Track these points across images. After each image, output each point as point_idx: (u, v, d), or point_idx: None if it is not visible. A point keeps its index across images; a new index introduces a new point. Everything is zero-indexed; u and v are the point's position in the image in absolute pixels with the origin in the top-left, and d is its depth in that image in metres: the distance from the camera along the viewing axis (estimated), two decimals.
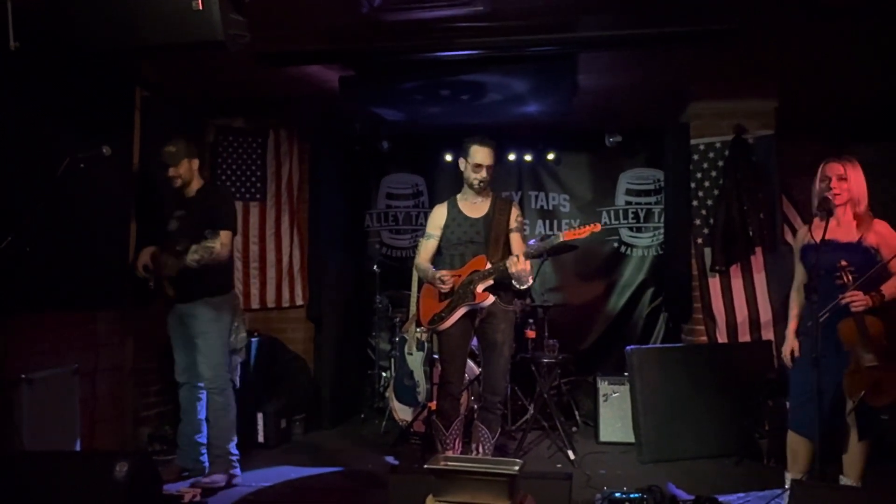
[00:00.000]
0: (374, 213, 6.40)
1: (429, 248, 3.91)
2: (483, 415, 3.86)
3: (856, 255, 3.13)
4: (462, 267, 3.82)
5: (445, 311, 3.76)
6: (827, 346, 3.06)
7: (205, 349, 3.92)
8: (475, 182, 3.79)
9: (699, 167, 5.04)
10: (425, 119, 5.20)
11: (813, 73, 4.57)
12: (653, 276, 6.09)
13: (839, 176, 3.21)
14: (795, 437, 3.33)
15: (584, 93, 4.96)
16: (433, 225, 3.90)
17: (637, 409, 4.62)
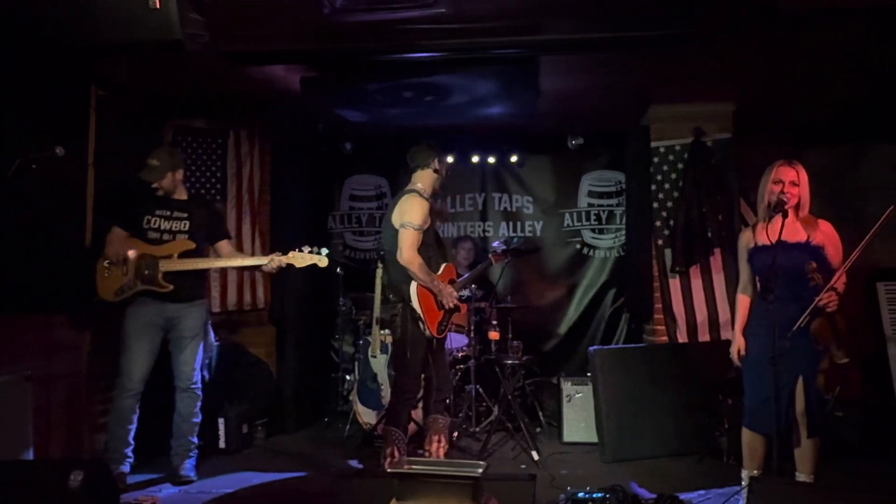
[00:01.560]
0: (337, 214, 6.37)
1: (418, 242, 3.78)
2: (439, 406, 4.06)
3: (807, 254, 3.22)
4: (439, 273, 3.85)
5: (445, 320, 3.84)
6: (783, 346, 3.13)
7: (193, 350, 4.05)
8: (443, 184, 3.97)
9: (659, 169, 5.12)
10: (389, 120, 5.19)
11: (770, 77, 4.68)
12: (615, 277, 6.18)
13: (792, 181, 3.29)
14: (751, 434, 3.40)
15: (547, 95, 4.98)
16: (424, 218, 3.82)
17: (600, 409, 4.67)
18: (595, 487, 3.54)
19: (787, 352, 3.14)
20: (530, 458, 4.53)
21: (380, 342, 4.87)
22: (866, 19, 3.49)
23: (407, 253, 3.72)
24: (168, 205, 4.10)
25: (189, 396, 4.13)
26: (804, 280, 3.16)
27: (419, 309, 3.77)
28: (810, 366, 3.21)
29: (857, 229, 5.73)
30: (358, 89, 4.46)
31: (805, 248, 3.24)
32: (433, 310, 3.82)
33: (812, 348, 3.18)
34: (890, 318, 5.47)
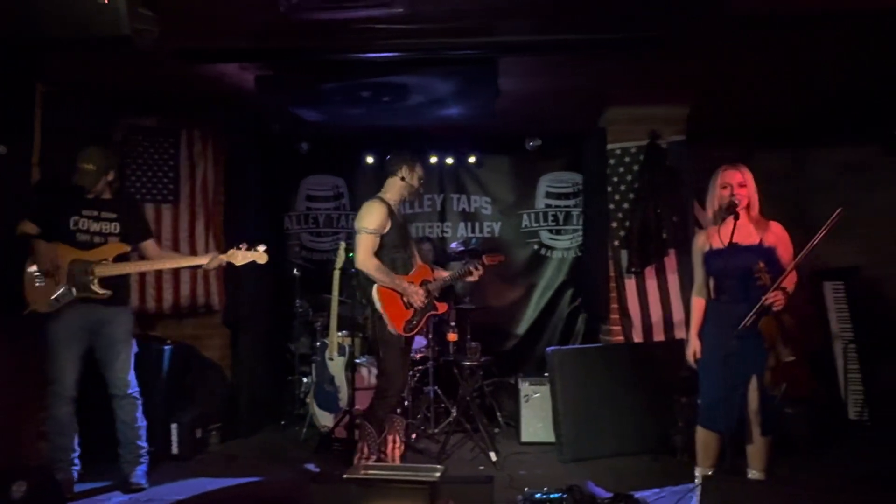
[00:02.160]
0: (293, 215, 6.28)
1: (375, 246, 3.89)
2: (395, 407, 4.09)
3: (761, 256, 3.28)
4: (411, 274, 3.91)
5: (415, 318, 3.87)
6: (734, 345, 3.19)
7: (127, 356, 3.95)
8: (412, 195, 4.06)
9: (616, 171, 5.17)
10: (346, 120, 5.13)
11: (723, 82, 4.76)
12: (572, 278, 6.22)
13: (739, 183, 3.37)
14: (705, 432, 3.46)
15: (506, 96, 4.96)
16: (380, 223, 3.89)
17: (557, 409, 4.70)
18: (552, 488, 3.56)
19: (740, 351, 3.20)
20: (489, 459, 4.53)
21: (337, 344, 4.83)
22: (816, 26, 3.57)
23: (359, 256, 3.85)
24: (95, 205, 3.94)
25: (129, 403, 4.01)
26: (755, 280, 3.22)
27: (381, 308, 3.83)
28: (763, 365, 3.27)
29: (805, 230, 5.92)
30: (314, 89, 4.39)
31: (758, 250, 3.31)
32: (399, 309, 3.87)
33: (764, 347, 3.25)
34: (837, 317, 5.62)
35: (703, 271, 3.53)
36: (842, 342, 5.48)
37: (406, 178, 3.97)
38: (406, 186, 4.01)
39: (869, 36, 3.82)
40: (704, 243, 3.48)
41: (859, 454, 4.71)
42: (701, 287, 3.56)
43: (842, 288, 5.65)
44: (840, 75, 4.60)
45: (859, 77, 4.62)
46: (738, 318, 3.21)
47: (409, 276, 3.94)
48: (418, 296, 3.86)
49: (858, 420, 5.26)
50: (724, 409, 3.21)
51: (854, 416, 5.29)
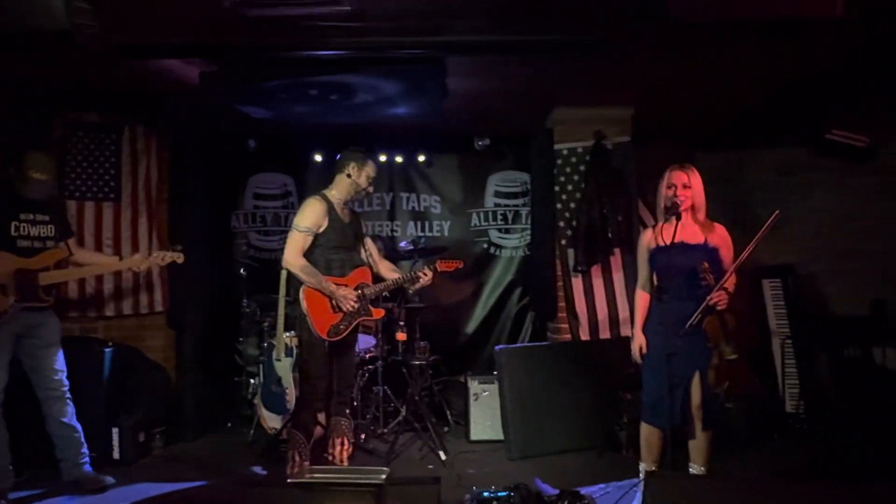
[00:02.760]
0: (241, 213, 6.17)
1: (305, 245, 3.81)
2: (340, 409, 4.06)
3: (705, 256, 3.36)
4: (347, 276, 3.81)
5: (343, 323, 3.76)
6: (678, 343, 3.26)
7: (56, 356, 3.86)
8: (363, 194, 3.93)
9: (562, 171, 5.23)
10: (294, 118, 5.05)
11: (665, 84, 4.85)
12: (521, 277, 6.26)
13: (683, 184, 3.43)
14: (648, 428, 3.52)
15: (455, 96, 4.97)
16: (314, 221, 3.81)
17: (505, 406, 4.73)
18: (500, 486, 3.57)
19: (684, 349, 3.27)
20: (438, 458, 4.53)
21: (284, 345, 4.75)
22: (752, 33, 3.67)
23: (287, 254, 3.81)
24: (30, 207, 3.82)
25: (66, 404, 3.92)
26: (700, 280, 3.30)
27: (306, 310, 3.79)
28: (705, 362, 3.35)
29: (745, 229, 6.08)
30: (260, 86, 4.31)
31: (703, 250, 3.38)
32: (325, 312, 3.78)
33: (706, 345, 3.33)
34: (775, 314, 5.80)
35: (647, 268, 3.59)
36: (779, 338, 5.65)
37: (352, 175, 3.88)
38: (352, 185, 3.92)
39: (800, 42, 3.95)
40: (651, 240, 3.54)
41: (795, 446, 4.89)
42: (645, 282, 3.62)
43: (779, 286, 5.83)
44: (774, 80, 4.74)
45: (792, 81, 4.76)
46: (681, 316, 3.28)
47: (346, 278, 3.83)
48: (347, 300, 3.75)
49: (795, 413, 5.44)
50: (667, 406, 3.28)
51: (791, 409, 5.47)
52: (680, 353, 3.25)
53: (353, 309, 3.79)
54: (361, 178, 3.93)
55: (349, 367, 4.09)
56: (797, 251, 6.19)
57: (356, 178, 3.89)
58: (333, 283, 3.79)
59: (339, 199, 3.91)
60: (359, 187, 3.93)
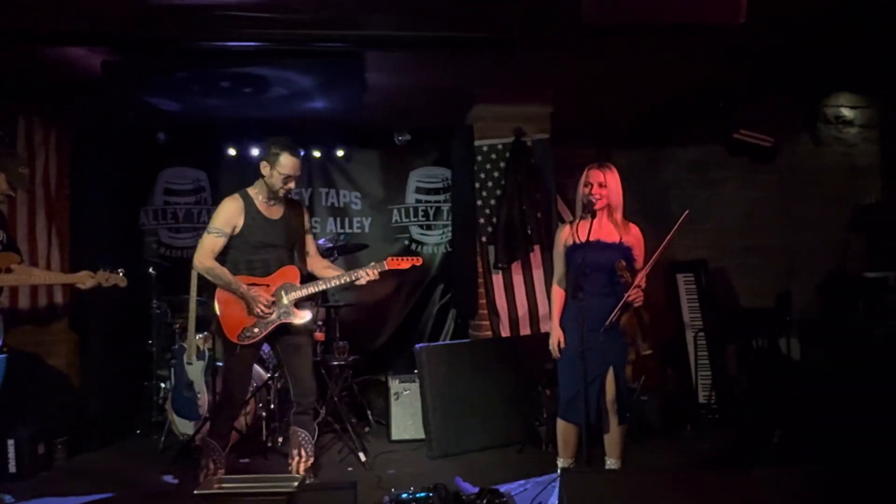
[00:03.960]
0: (150, 210, 5.93)
1: (216, 247, 3.67)
2: (299, 419, 3.89)
3: (619, 255, 3.44)
4: (268, 276, 3.68)
5: (258, 326, 3.63)
6: (594, 340, 3.34)
7: None
8: (282, 192, 3.71)
9: (483, 168, 5.27)
10: (206, 111, 4.92)
11: (580, 83, 4.97)
12: (442, 274, 6.27)
13: (599, 183, 3.50)
14: (565, 424, 3.60)
15: (374, 91, 4.94)
16: (225, 221, 3.67)
17: (426, 405, 4.74)
18: (419, 487, 3.58)
19: (600, 346, 3.34)
20: (358, 459, 4.50)
21: (196, 347, 4.61)
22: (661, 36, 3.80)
23: (195, 256, 3.68)
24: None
25: None
26: (616, 278, 3.38)
27: (218, 312, 3.68)
28: (620, 357, 3.44)
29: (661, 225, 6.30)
30: (169, 77, 4.18)
31: (618, 248, 3.47)
32: (238, 314, 3.67)
33: (621, 341, 3.42)
34: (688, 307, 6.02)
35: (563, 264, 3.64)
36: (693, 331, 5.87)
37: (264, 174, 3.71)
38: (269, 181, 3.70)
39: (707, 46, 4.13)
40: (568, 236, 3.59)
41: (707, 436, 5.10)
42: (561, 277, 3.67)
43: (692, 280, 6.05)
44: (684, 80, 4.93)
45: (700, 82, 4.97)
46: (599, 313, 3.36)
47: (267, 278, 3.73)
48: (259, 303, 3.62)
49: (707, 404, 5.66)
50: (583, 402, 3.35)
51: (703, 399, 5.70)
52: (595, 349, 3.33)
53: (265, 312, 3.66)
54: (274, 177, 3.66)
55: (304, 372, 3.86)
56: (709, 246, 6.45)
57: (267, 177, 3.69)
58: (252, 283, 3.65)
59: (261, 198, 3.76)
60: (274, 187, 3.69)
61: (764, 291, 6.39)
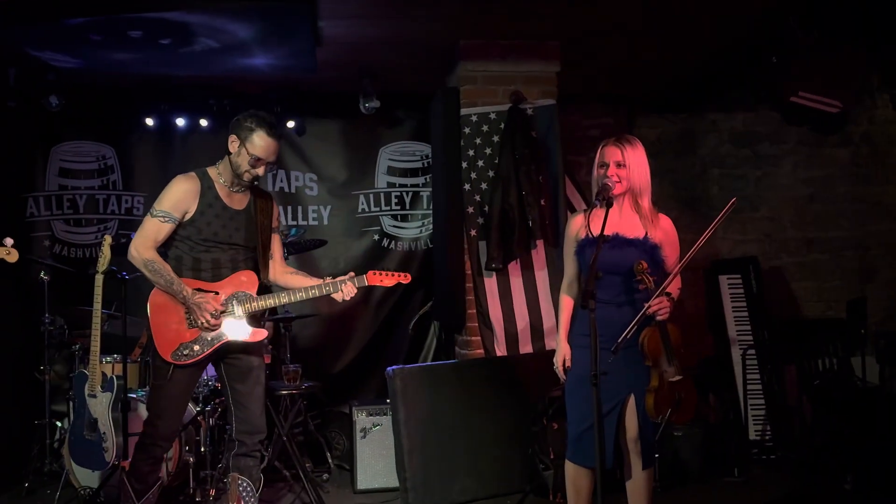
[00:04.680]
0: (40, 196, 5.91)
1: (162, 234, 3.61)
2: (241, 462, 3.83)
3: (644, 254, 3.40)
4: (219, 281, 3.64)
5: (201, 342, 3.59)
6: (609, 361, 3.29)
7: None
8: (247, 177, 3.65)
9: (471, 143, 5.23)
10: (113, 68, 4.92)
11: (598, 32, 4.94)
12: (423, 276, 6.25)
13: (617, 162, 3.45)
14: (575, 468, 3.55)
15: (331, 45, 4.95)
16: (174, 204, 3.60)
17: (401, 445, 4.70)
18: None
19: (615, 368, 3.30)
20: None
21: (102, 374, 4.55)
22: None
23: (133, 242, 3.61)
24: None
25: None
26: (636, 282, 3.35)
27: (149, 321, 3.62)
28: (642, 383, 3.41)
29: (698, 214, 6.31)
30: (62, 23, 4.12)
31: (642, 246, 3.42)
32: (176, 326, 3.62)
33: (642, 363, 3.38)
34: (734, 317, 6.01)
35: (575, 263, 3.61)
36: (740, 348, 5.86)
37: (231, 151, 3.64)
38: (231, 163, 3.65)
39: None
40: (581, 228, 3.54)
41: (759, 482, 5.07)
42: (572, 282, 3.64)
43: (739, 283, 6.05)
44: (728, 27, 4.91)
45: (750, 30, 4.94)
46: (613, 327, 3.31)
47: (217, 283, 3.67)
48: (204, 312, 3.57)
49: (760, 440, 5.66)
50: (597, 439, 3.31)
51: (755, 435, 5.69)
52: (611, 373, 3.28)
53: (211, 325, 3.62)
54: (241, 156, 3.61)
55: (253, 403, 3.80)
56: (760, 240, 6.45)
57: (234, 155, 3.63)
58: (197, 288, 3.60)
59: (223, 180, 3.70)
60: (239, 168, 3.62)
61: (832, 297, 6.40)
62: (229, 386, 3.83)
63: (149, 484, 3.74)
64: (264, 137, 3.62)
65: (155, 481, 3.76)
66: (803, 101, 5.20)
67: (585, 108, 5.63)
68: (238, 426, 3.82)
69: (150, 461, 3.77)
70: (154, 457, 3.78)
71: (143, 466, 3.76)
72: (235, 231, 3.69)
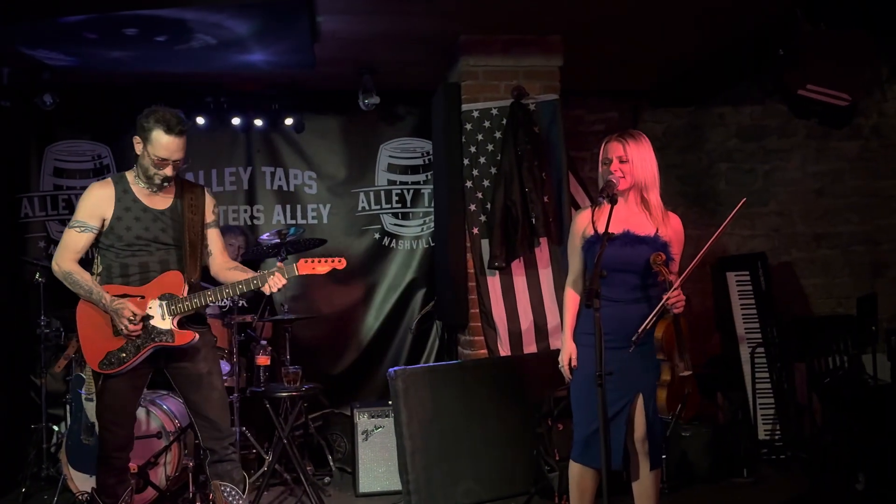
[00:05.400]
0: (35, 196, 5.93)
1: (80, 245, 3.60)
2: (217, 468, 3.79)
3: (654, 251, 3.38)
4: (144, 285, 3.61)
5: (127, 350, 3.56)
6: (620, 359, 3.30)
7: None
8: (157, 178, 3.58)
9: (473, 139, 5.24)
10: (108, 66, 4.93)
11: (601, 24, 4.93)
12: (424, 275, 6.29)
13: (620, 157, 3.45)
14: (582, 470, 3.55)
15: (329, 40, 4.95)
16: (89, 212, 3.58)
17: (404, 447, 4.70)
18: None
19: (624, 366, 3.31)
20: None
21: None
22: None
23: (54, 256, 3.64)
24: None
25: None
26: (650, 280, 3.35)
27: (77, 331, 3.64)
28: (652, 381, 3.41)
29: (705, 210, 6.30)
30: (56, 21, 4.14)
31: (653, 244, 3.41)
32: (101, 334, 3.59)
33: (655, 360, 3.38)
34: (742, 315, 6.00)
35: (580, 259, 3.60)
36: (748, 346, 5.85)
37: (137, 151, 3.60)
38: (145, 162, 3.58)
39: None
40: (587, 226, 3.53)
41: (768, 483, 5.08)
42: (577, 278, 3.63)
43: (747, 279, 6.04)
44: (734, 19, 4.90)
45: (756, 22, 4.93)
46: (625, 324, 3.32)
47: (143, 287, 3.62)
48: (121, 317, 3.51)
49: (769, 440, 5.66)
50: (603, 440, 3.31)
51: (765, 435, 5.69)
52: (619, 372, 3.29)
53: (130, 330, 3.54)
54: (145, 158, 3.56)
55: (211, 410, 3.74)
56: (769, 236, 6.45)
57: (141, 159, 3.58)
58: (124, 294, 3.57)
59: (143, 182, 3.65)
60: (147, 170, 3.58)
61: (841, 293, 6.39)
62: (183, 397, 3.80)
63: (118, 495, 3.71)
64: (163, 136, 3.52)
65: (124, 490, 3.74)
66: (811, 94, 5.18)
67: (589, 103, 5.63)
68: (203, 434, 3.79)
69: (112, 473, 3.73)
70: (114, 467, 3.73)
71: (107, 479, 3.72)
72: (161, 232, 3.64)
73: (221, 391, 3.81)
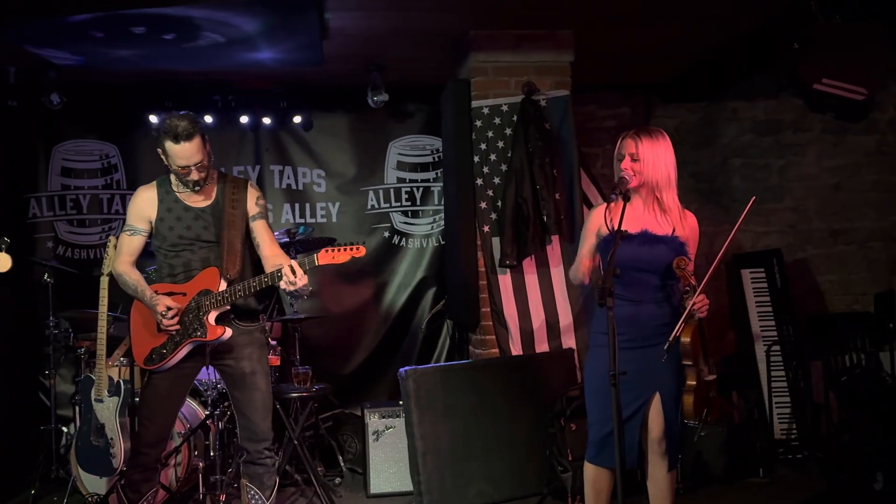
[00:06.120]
0: (42, 196, 5.96)
1: (132, 247, 3.74)
2: (249, 469, 3.89)
3: (673, 251, 3.38)
4: (187, 282, 3.68)
5: (167, 346, 3.65)
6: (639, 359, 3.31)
7: None
8: (188, 184, 3.65)
9: (483, 136, 5.24)
10: (115, 64, 4.95)
11: (612, 17, 4.93)
12: (435, 274, 6.29)
13: (631, 155, 3.44)
14: (597, 470, 3.56)
15: (338, 37, 4.96)
16: (137, 216, 3.71)
17: (415, 447, 4.72)
18: None
19: (641, 367, 3.31)
20: None
21: (108, 378, 4.59)
22: None
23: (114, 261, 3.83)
24: None
25: None
26: (669, 280, 3.36)
27: (130, 329, 3.78)
28: (673, 383, 3.41)
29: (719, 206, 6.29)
30: (64, 20, 4.16)
31: (671, 243, 3.41)
32: (148, 333, 3.70)
33: (679, 363, 3.37)
34: (758, 313, 6.00)
35: (591, 256, 3.57)
36: (764, 344, 5.85)
37: (162, 159, 3.67)
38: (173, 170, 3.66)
39: None
40: (602, 221, 3.50)
41: (785, 483, 5.08)
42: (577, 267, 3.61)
43: (762, 277, 6.03)
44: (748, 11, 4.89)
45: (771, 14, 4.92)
46: (645, 324, 3.35)
47: (185, 285, 3.68)
48: (156, 313, 3.62)
49: (786, 440, 5.65)
50: (618, 440, 3.31)
51: (781, 435, 5.68)
52: (635, 372, 3.29)
53: (166, 325, 3.63)
54: (172, 168, 3.64)
55: (251, 410, 3.81)
56: (785, 232, 6.44)
57: (163, 157, 3.66)
58: (171, 291, 3.65)
59: (179, 185, 3.73)
60: (177, 175, 3.67)
61: (858, 290, 6.38)
62: (229, 393, 3.91)
63: (142, 493, 3.77)
64: (173, 147, 3.55)
65: (149, 489, 3.80)
66: (827, 88, 5.18)
67: (601, 98, 5.62)
68: (241, 433, 3.89)
69: (138, 469, 3.79)
70: (141, 465, 3.79)
71: (134, 475, 3.79)
72: (203, 230, 3.70)
73: (265, 392, 3.87)
